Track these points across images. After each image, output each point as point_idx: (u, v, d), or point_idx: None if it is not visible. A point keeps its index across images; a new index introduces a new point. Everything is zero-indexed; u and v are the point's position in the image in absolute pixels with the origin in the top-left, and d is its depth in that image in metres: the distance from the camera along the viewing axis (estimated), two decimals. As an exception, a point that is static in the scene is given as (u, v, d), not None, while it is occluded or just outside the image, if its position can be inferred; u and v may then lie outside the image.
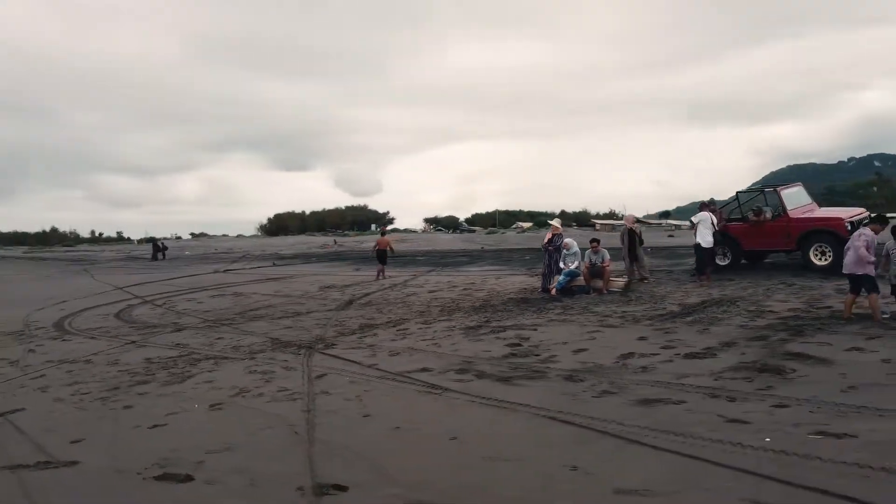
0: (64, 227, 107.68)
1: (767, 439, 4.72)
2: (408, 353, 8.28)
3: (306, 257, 35.24)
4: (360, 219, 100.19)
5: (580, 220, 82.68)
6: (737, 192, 14.26)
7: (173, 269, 31.50)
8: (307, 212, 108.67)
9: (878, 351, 6.68)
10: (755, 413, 5.08)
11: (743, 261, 14.35)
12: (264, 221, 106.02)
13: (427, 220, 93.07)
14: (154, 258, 40.94)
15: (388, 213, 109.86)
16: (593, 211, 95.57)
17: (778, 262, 15.30)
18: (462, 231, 75.45)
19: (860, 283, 8.30)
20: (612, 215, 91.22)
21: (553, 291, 12.76)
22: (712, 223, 13.20)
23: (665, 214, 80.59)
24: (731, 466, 4.10)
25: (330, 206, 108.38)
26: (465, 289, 15.30)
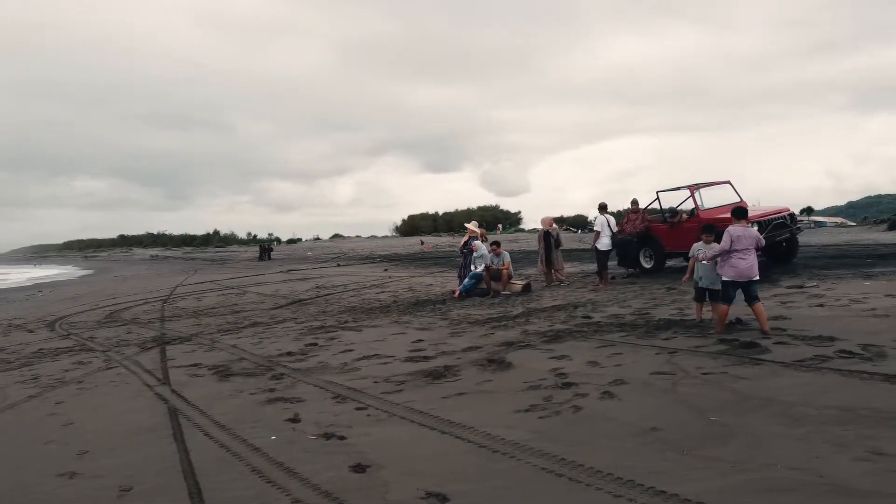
0: (225, 230, 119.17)
1: (273, 437, 5.13)
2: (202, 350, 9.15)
3: (382, 258, 36.83)
4: (487, 218, 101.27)
5: (716, 217, 77.70)
6: (657, 192, 13.48)
7: (261, 268, 34.60)
8: (440, 213, 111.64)
9: (603, 368, 6.45)
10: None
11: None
12: (399, 223, 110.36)
13: (555, 220, 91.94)
14: (260, 258, 44.77)
15: (519, 212, 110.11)
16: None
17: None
18: (590, 230, 73.93)
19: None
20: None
21: (456, 294, 12.95)
22: (609, 226, 12.69)
23: (808, 211, 74.52)
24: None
25: (475, 205, 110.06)
26: (377, 290, 15.65)
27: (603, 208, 12.99)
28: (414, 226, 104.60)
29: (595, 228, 12.78)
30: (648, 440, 4.35)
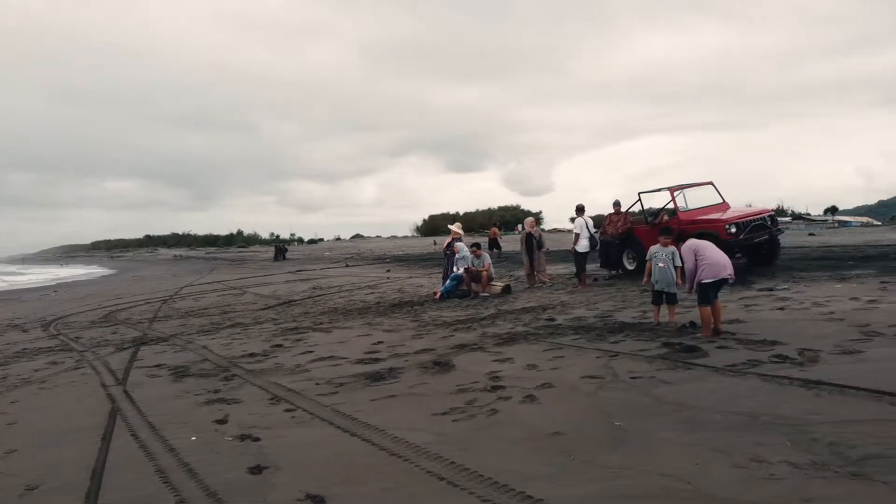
0: (249, 230, 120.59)
1: (193, 437, 5.27)
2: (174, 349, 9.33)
3: (392, 259, 36.99)
4: (507, 218, 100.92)
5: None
6: (639, 193, 13.39)
7: (273, 269, 34.95)
8: (460, 213, 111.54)
9: (539, 371, 6.52)
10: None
11: None
12: (420, 223, 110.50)
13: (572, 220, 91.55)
14: (275, 259, 45.24)
15: (540, 212, 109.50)
16: (758, 207, 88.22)
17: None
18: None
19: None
20: (780, 211, 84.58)
21: (437, 295, 13.02)
22: (588, 228, 12.64)
23: (832, 210, 73.41)
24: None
25: (496, 206, 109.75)
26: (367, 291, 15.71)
27: (580, 210, 12.96)
28: (434, 226, 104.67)
29: (574, 230, 12.75)
30: (545, 445, 4.38)
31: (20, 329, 13.72)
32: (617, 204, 13.39)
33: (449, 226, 14.67)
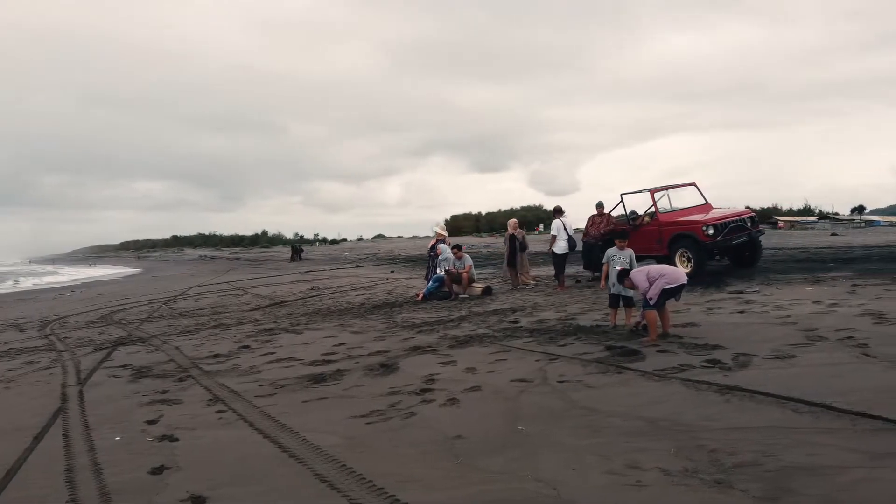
0: (274, 231, 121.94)
1: (118, 438, 5.42)
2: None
3: (403, 259, 37.15)
4: (529, 218, 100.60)
5: (764, 216, 75.97)
6: (621, 194, 13.29)
7: (286, 269, 35.34)
8: (482, 213, 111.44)
9: (475, 374, 6.64)
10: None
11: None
12: (442, 223, 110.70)
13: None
14: (292, 259, 45.71)
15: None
16: (785, 206, 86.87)
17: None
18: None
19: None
20: (806, 210, 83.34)
21: (419, 296, 13.09)
22: (566, 229, 12.60)
23: (859, 209, 72.17)
24: None
25: (518, 206, 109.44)
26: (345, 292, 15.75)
27: (559, 212, 12.93)
28: (457, 226, 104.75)
29: (552, 232, 12.73)
30: (440, 448, 4.43)
31: (18, 329, 14.08)
32: (600, 205, 13.32)
33: (434, 228, 14.70)
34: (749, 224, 11.99)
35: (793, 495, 3.27)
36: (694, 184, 12.91)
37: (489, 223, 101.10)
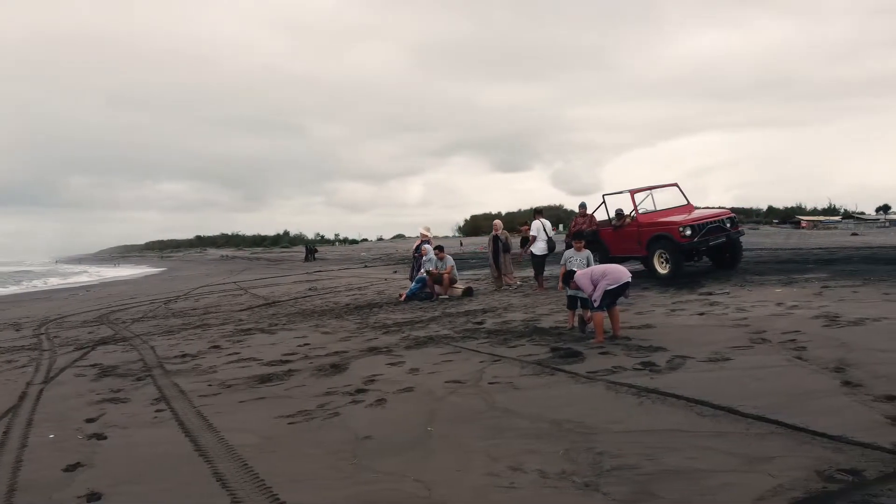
0: (296, 231, 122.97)
1: (52, 435, 5.57)
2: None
3: (412, 261, 37.23)
4: (550, 218, 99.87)
5: (787, 216, 75.06)
6: (603, 196, 13.22)
7: (298, 269, 35.71)
8: (503, 212, 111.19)
9: (416, 376, 6.69)
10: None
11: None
12: (462, 223, 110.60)
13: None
14: (306, 259, 46.14)
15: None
16: (811, 206, 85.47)
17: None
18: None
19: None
20: (831, 210, 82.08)
21: (401, 297, 13.17)
22: (545, 230, 12.57)
23: (884, 209, 70.93)
24: None
25: (539, 205, 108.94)
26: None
27: (538, 213, 12.92)
28: (476, 226, 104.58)
29: (531, 233, 12.72)
30: (346, 448, 4.50)
31: (15, 328, 14.43)
32: (583, 206, 13.28)
33: (420, 230, 14.78)
34: (728, 225, 11.86)
35: (652, 498, 3.28)
36: (676, 184, 12.82)
37: (510, 223, 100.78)
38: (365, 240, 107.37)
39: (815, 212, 75.76)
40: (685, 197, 12.57)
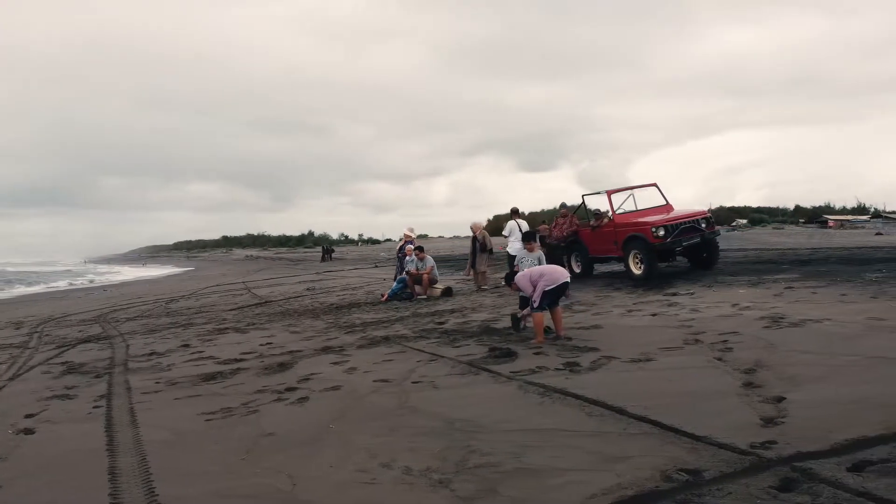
0: (322, 231, 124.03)
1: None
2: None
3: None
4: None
5: (814, 215, 73.56)
6: (582, 196, 13.18)
7: (312, 269, 36.08)
8: (525, 212, 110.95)
9: (352, 375, 6.84)
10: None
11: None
12: (484, 223, 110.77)
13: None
14: (322, 259, 46.58)
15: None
16: (840, 205, 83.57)
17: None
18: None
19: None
20: (860, 209, 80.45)
21: (384, 297, 13.30)
22: (521, 230, 12.58)
23: (906, 207, 69.25)
24: None
25: (570, 203, 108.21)
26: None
27: (514, 213, 12.94)
28: (498, 226, 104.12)
29: (504, 233, 12.76)
30: (243, 445, 4.62)
31: (15, 327, 14.87)
32: (563, 206, 13.28)
33: (403, 230, 14.91)
34: (703, 225, 11.77)
35: (493, 496, 3.35)
36: (655, 184, 12.75)
37: (532, 223, 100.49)
38: (389, 240, 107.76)
39: (843, 211, 74.15)
40: (664, 197, 12.51)
